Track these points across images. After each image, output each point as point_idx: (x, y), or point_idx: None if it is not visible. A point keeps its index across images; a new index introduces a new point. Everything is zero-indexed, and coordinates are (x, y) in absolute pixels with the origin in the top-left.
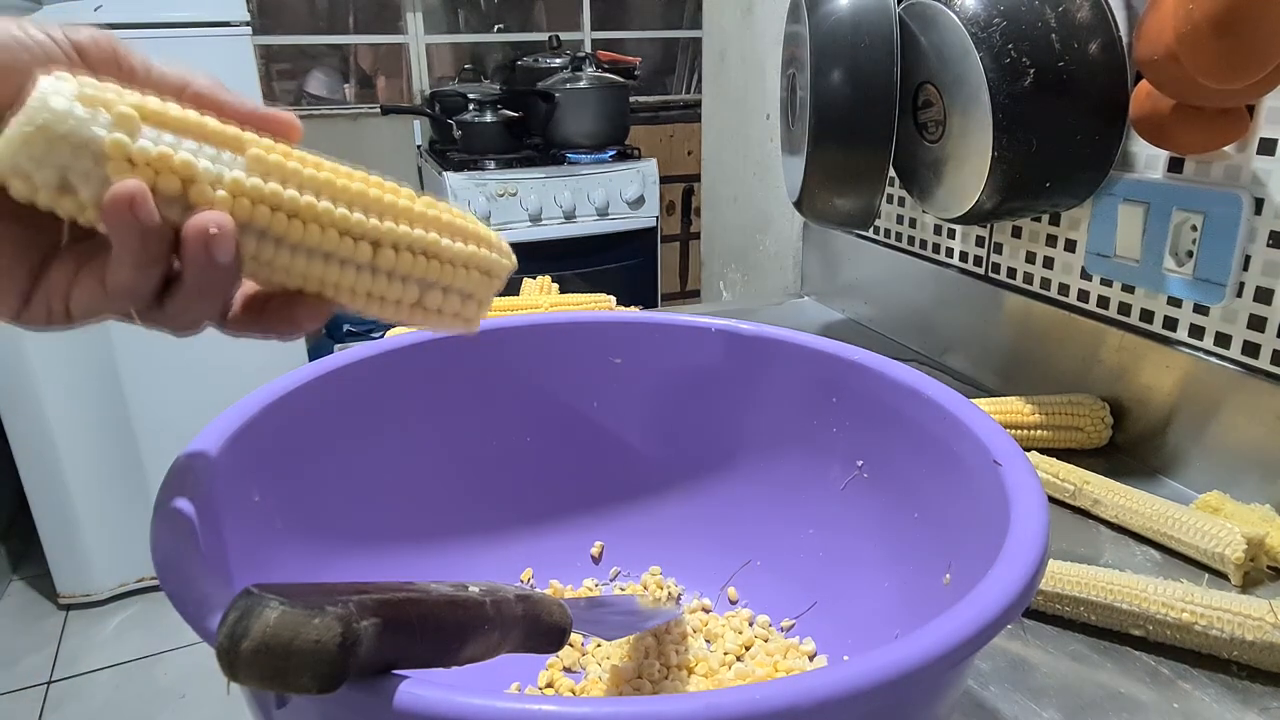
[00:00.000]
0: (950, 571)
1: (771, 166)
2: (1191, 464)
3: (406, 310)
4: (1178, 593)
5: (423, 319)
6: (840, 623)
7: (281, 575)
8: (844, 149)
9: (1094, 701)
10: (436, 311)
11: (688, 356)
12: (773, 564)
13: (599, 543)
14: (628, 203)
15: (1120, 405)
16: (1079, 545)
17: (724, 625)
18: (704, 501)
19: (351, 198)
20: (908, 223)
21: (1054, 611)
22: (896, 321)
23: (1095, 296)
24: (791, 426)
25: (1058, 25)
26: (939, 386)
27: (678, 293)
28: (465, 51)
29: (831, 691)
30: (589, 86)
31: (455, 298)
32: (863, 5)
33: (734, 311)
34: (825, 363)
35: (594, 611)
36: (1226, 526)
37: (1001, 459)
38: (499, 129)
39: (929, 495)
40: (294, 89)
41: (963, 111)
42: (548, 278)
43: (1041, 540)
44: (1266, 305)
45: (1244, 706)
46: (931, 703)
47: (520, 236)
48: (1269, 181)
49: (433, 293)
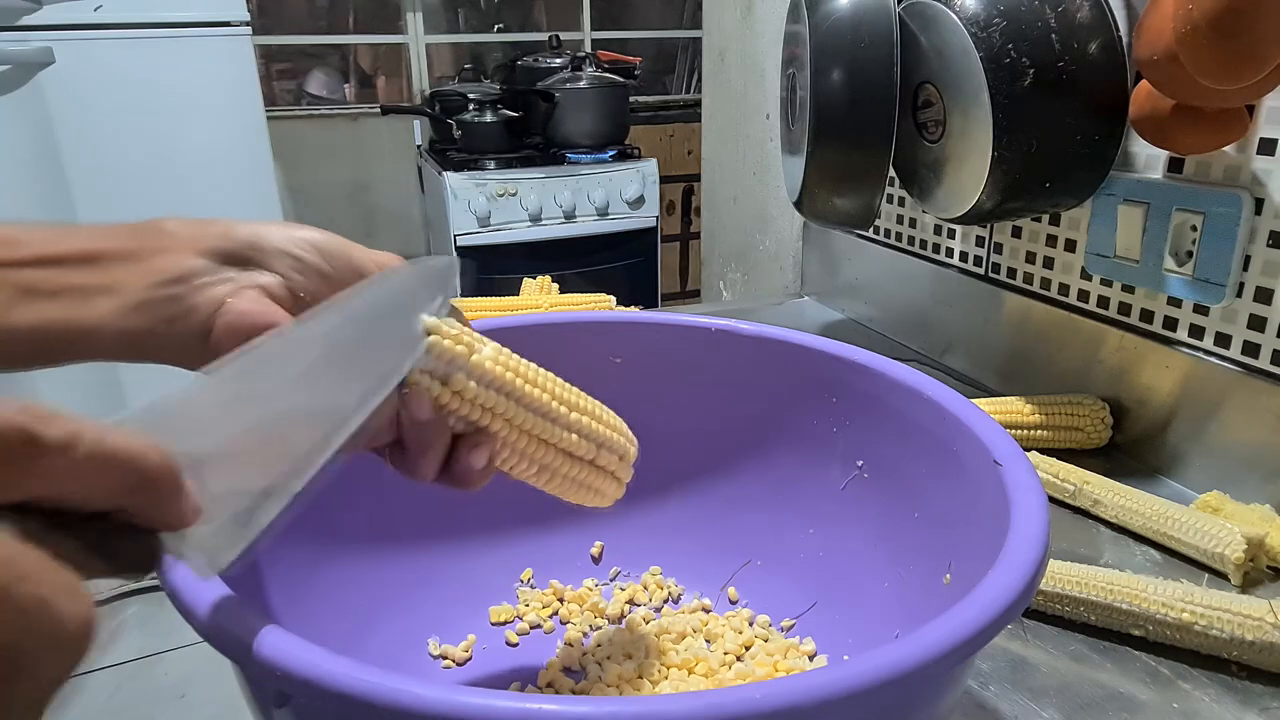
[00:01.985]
0: (950, 571)
1: (771, 166)
2: (1191, 464)
3: (568, 484)
4: (1178, 593)
5: (575, 492)
6: (840, 623)
7: (278, 574)
8: (844, 149)
9: (1094, 701)
10: (591, 489)
11: (688, 356)
12: (773, 564)
13: (599, 543)
14: (628, 203)
15: (1120, 405)
16: (1079, 545)
17: (724, 625)
18: (704, 501)
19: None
20: (908, 223)
21: (1054, 611)
22: (896, 321)
23: (1095, 296)
24: (791, 426)
25: (1058, 25)
26: (939, 387)
27: (678, 293)
28: (465, 51)
29: (831, 691)
30: (589, 86)
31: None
32: (863, 5)
33: (734, 311)
34: (825, 363)
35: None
36: (1226, 526)
37: (1002, 459)
38: (499, 129)
39: (929, 495)
40: (294, 89)
41: (963, 111)
42: (548, 278)
43: (1042, 540)
44: (1266, 305)
45: (1244, 706)
46: (931, 703)
47: (520, 236)
48: (1269, 181)
49: (591, 470)
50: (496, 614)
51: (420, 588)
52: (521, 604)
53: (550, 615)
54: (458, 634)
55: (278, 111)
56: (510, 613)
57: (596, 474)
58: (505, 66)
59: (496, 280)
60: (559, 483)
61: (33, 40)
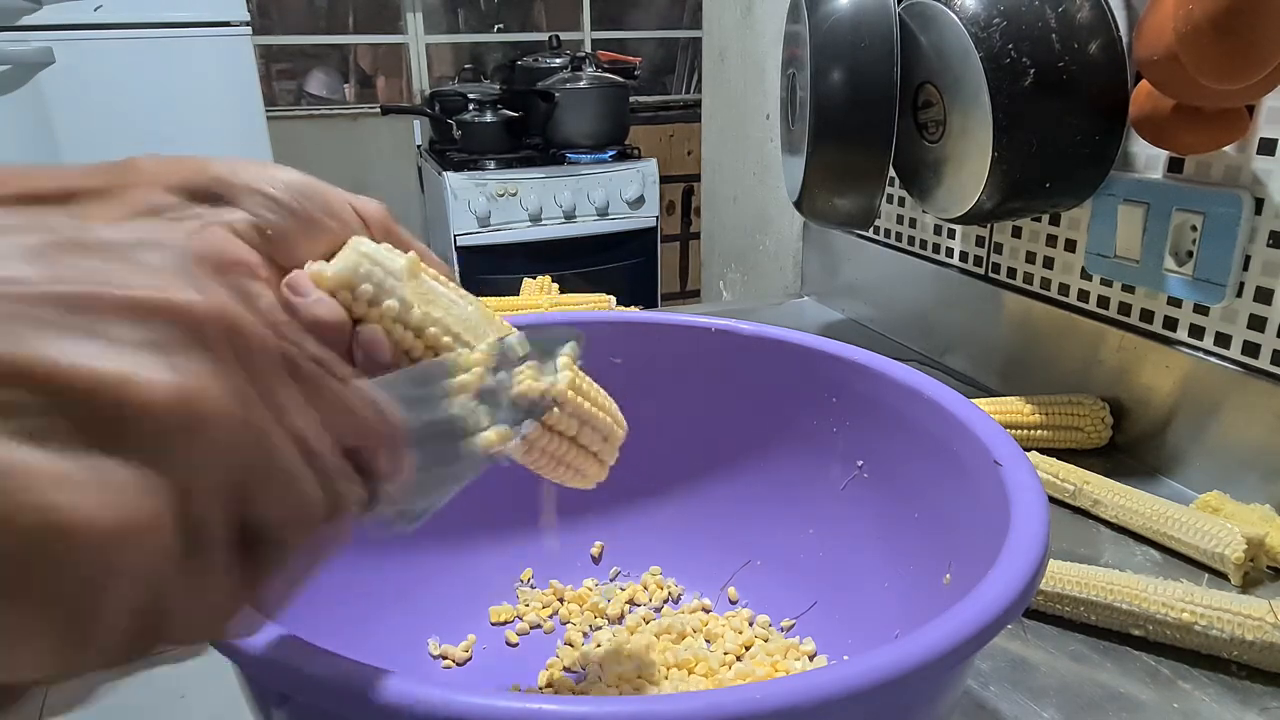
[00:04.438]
0: (950, 571)
1: (771, 166)
2: (1191, 464)
3: (545, 459)
4: (1178, 593)
5: (554, 469)
6: (840, 623)
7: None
8: (844, 149)
9: (1094, 701)
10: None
11: (688, 356)
12: (773, 564)
13: (599, 543)
14: (628, 203)
15: (1120, 405)
16: (1079, 545)
17: (724, 625)
18: (704, 501)
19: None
20: (908, 223)
21: (1054, 611)
22: (896, 321)
23: (1095, 296)
24: (791, 426)
25: (1058, 25)
26: (939, 387)
27: (678, 293)
28: (465, 51)
29: (831, 691)
30: (589, 86)
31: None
32: (863, 5)
33: (734, 311)
34: (825, 363)
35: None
36: (1226, 526)
37: (1002, 459)
38: (499, 129)
39: (929, 495)
40: (294, 89)
41: (963, 111)
42: (548, 278)
43: (1042, 540)
44: (1266, 305)
45: (1244, 706)
46: (931, 702)
47: (520, 236)
48: (1269, 181)
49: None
50: (496, 614)
51: (420, 588)
52: (521, 604)
53: (550, 615)
54: (458, 634)
55: (278, 111)
56: (510, 613)
57: (578, 452)
58: (505, 67)
59: (497, 280)
60: (535, 455)
61: (33, 40)
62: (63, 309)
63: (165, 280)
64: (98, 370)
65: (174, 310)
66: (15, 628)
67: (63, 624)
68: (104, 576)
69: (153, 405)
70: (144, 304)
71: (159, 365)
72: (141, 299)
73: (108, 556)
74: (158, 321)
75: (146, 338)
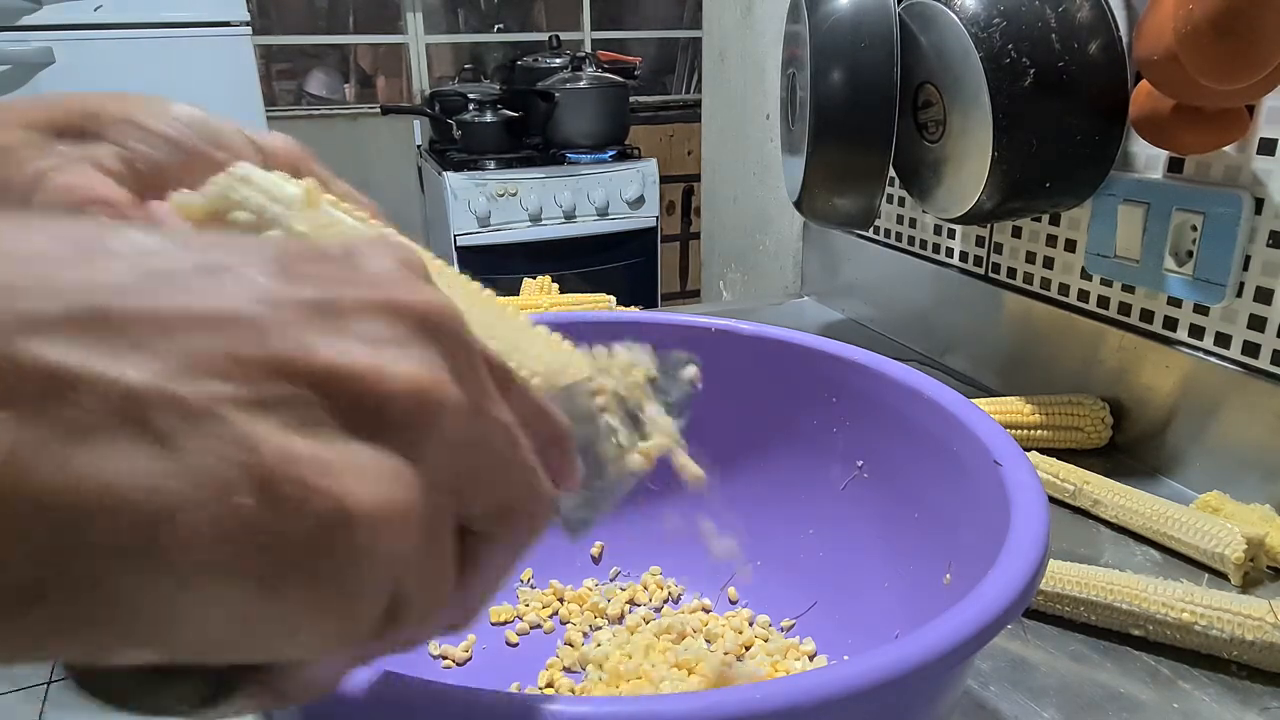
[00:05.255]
0: (950, 571)
1: (771, 166)
2: (1191, 464)
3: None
4: (1178, 593)
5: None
6: (840, 623)
7: None
8: (844, 149)
9: (1094, 701)
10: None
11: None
12: (773, 564)
13: (599, 543)
14: (628, 203)
15: (1120, 405)
16: (1079, 545)
17: (724, 625)
18: (704, 501)
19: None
20: (908, 223)
21: (1054, 611)
22: (896, 321)
23: (1095, 296)
24: (791, 427)
25: (1058, 25)
26: (939, 386)
27: (678, 293)
28: (465, 51)
29: (831, 691)
30: (589, 86)
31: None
32: (863, 5)
33: (734, 311)
34: (825, 363)
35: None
36: (1226, 526)
37: (1002, 459)
38: (499, 129)
39: (929, 495)
40: (294, 89)
41: (963, 111)
42: (548, 278)
43: (1042, 540)
44: (1266, 305)
45: (1244, 706)
46: (932, 702)
47: (520, 236)
48: (1269, 181)
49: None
50: (496, 614)
51: None
52: (521, 604)
53: (550, 615)
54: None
55: (278, 111)
56: (510, 613)
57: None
58: (505, 67)
59: (497, 280)
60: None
61: (33, 40)
62: (308, 311)
63: (390, 280)
64: (356, 362)
65: (403, 308)
66: (307, 605)
67: (343, 603)
68: (371, 558)
69: (405, 395)
70: (382, 304)
71: (404, 358)
72: (379, 300)
73: (375, 539)
74: (393, 318)
75: (387, 334)
